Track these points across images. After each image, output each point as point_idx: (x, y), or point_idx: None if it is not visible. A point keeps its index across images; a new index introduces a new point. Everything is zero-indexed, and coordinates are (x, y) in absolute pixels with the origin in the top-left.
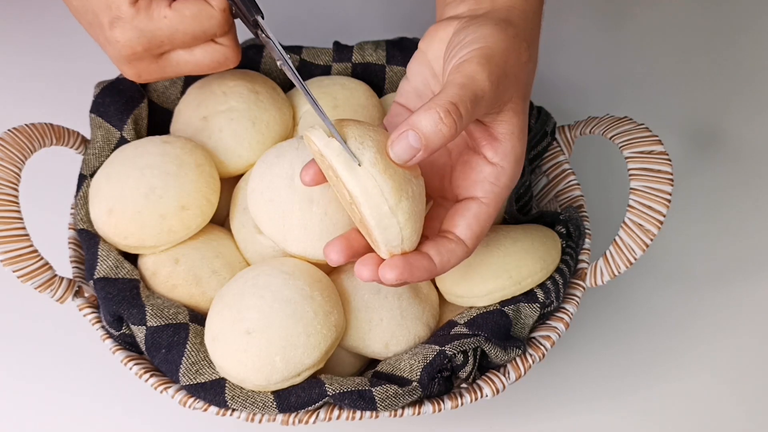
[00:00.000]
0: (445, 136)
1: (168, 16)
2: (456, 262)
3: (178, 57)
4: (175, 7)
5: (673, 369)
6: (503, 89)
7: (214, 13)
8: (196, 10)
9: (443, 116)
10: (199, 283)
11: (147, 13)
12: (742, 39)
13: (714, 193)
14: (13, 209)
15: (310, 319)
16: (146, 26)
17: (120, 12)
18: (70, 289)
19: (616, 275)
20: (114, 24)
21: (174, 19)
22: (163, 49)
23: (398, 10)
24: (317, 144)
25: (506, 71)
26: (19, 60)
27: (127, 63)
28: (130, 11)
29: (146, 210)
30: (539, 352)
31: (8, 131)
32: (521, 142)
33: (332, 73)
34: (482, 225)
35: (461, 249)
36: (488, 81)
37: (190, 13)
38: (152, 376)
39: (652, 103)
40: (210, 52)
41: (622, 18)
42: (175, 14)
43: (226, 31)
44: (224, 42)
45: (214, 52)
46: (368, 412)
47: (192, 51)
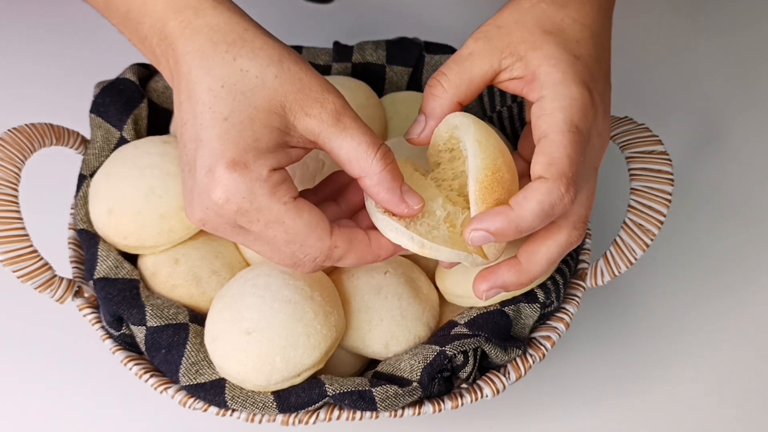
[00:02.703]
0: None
1: (287, 203)
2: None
3: (257, 237)
4: (299, 203)
5: (674, 369)
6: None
7: (326, 236)
8: (314, 221)
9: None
10: (199, 284)
11: (273, 187)
12: (743, 39)
13: (714, 193)
14: (13, 209)
15: (310, 320)
16: (260, 195)
17: (253, 164)
18: (69, 290)
19: (617, 275)
20: (236, 167)
21: (288, 213)
22: (253, 226)
23: (398, 10)
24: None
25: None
26: (20, 60)
27: (204, 210)
28: (263, 172)
29: (146, 210)
30: (539, 352)
31: (8, 131)
32: (558, 67)
33: (332, 73)
34: (557, 161)
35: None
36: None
37: (306, 221)
38: (152, 376)
39: (652, 103)
40: (288, 259)
41: (622, 18)
42: (293, 209)
43: (314, 264)
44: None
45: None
46: (368, 413)
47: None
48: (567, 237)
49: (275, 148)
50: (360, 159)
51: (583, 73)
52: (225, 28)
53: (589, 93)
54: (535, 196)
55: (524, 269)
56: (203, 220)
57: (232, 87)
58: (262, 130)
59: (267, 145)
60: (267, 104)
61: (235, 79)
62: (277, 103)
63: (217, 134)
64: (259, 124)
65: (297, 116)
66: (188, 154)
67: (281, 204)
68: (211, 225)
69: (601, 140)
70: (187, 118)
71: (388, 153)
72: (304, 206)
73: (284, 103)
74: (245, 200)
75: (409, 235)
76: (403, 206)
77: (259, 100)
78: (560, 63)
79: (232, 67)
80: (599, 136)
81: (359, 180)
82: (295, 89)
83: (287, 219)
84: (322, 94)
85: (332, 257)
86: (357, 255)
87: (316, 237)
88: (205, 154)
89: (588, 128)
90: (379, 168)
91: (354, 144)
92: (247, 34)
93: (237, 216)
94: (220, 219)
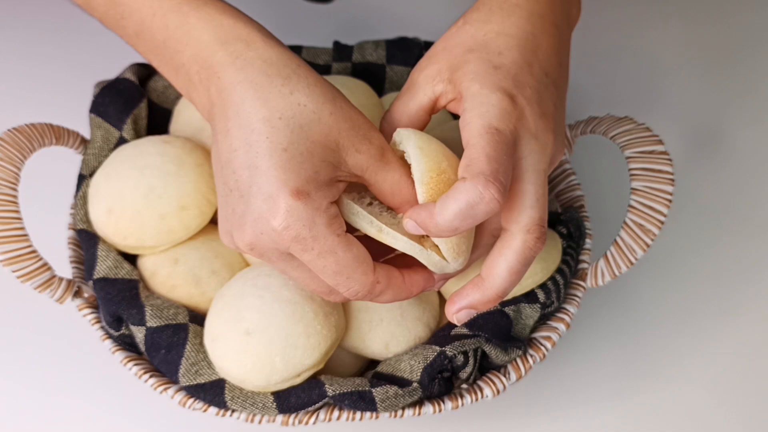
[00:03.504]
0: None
1: (341, 236)
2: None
3: (302, 265)
4: (349, 238)
5: (674, 369)
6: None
7: (370, 271)
8: (362, 256)
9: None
10: (199, 284)
11: (330, 219)
12: (743, 38)
13: (715, 193)
14: (13, 209)
15: (310, 320)
16: (319, 224)
17: (315, 194)
18: (69, 290)
19: (617, 275)
20: (299, 195)
21: (341, 245)
22: (305, 255)
23: (398, 10)
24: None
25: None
26: (20, 60)
27: (259, 232)
28: (323, 203)
29: (146, 210)
30: (540, 352)
31: (8, 131)
32: (476, 79)
33: (332, 73)
34: (474, 161)
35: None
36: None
37: (356, 254)
38: (152, 376)
39: (652, 103)
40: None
41: (621, 18)
42: (345, 242)
43: (352, 296)
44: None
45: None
46: (368, 413)
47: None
48: (522, 243)
49: (330, 182)
50: (403, 189)
51: (502, 80)
52: (278, 63)
53: (510, 98)
54: (453, 195)
55: (487, 284)
56: (252, 245)
57: (290, 120)
58: (320, 163)
59: (324, 178)
60: (323, 139)
61: (292, 112)
62: (332, 139)
63: (276, 163)
64: (317, 157)
65: (348, 152)
66: (239, 179)
67: (336, 236)
68: (259, 250)
69: (540, 143)
70: (238, 145)
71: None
72: (353, 241)
73: (338, 140)
74: (305, 228)
75: (369, 219)
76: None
77: (316, 135)
78: (478, 75)
79: (290, 101)
80: (535, 138)
81: (400, 208)
82: (348, 127)
83: (340, 251)
84: (369, 131)
85: (373, 292)
86: (394, 291)
87: (362, 271)
88: (263, 181)
89: (511, 129)
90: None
91: (397, 176)
92: (300, 69)
93: (292, 243)
94: (272, 245)
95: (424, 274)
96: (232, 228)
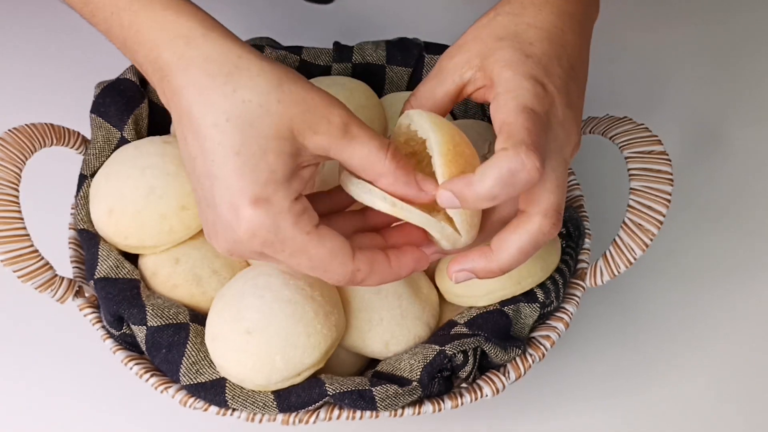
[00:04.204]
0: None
1: (310, 233)
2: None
3: (282, 262)
4: (321, 231)
5: (674, 369)
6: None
7: (348, 261)
8: (336, 248)
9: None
10: (200, 283)
11: (296, 218)
12: (741, 39)
13: (714, 193)
14: (14, 209)
15: (310, 319)
16: (285, 228)
17: (275, 197)
18: (70, 289)
19: (616, 275)
20: (259, 203)
21: (311, 242)
22: (278, 255)
23: (398, 10)
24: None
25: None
26: (20, 60)
27: (229, 242)
28: (285, 204)
29: (146, 210)
30: (539, 351)
31: (9, 131)
32: (509, 66)
33: (332, 73)
34: (515, 133)
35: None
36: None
37: (330, 247)
38: (152, 375)
39: (651, 103)
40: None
41: (621, 18)
42: (317, 238)
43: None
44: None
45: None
46: (368, 412)
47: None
48: (538, 226)
49: (291, 175)
50: (374, 164)
51: (533, 68)
52: (219, 58)
53: (542, 86)
54: (495, 163)
55: (494, 256)
56: (230, 251)
57: (237, 120)
58: (276, 159)
59: (283, 174)
60: (275, 131)
61: (239, 111)
62: (285, 128)
63: (232, 170)
64: (271, 154)
65: (306, 136)
66: (204, 189)
67: (304, 234)
68: (238, 254)
69: (565, 132)
70: (196, 153)
71: (396, 151)
72: (326, 234)
73: (292, 127)
74: (270, 233)
75: (381, 195)
76: (423, 194)
77: (267, 129)
78: (510, 62)
79: (234, 100)
80: (561, 127)
81: (375, 182)
82: (301, 110)
83: (311, 248)
84: (327, 108)
85: (355, 280)
86: (378, 276)
87: (338, 263)
88: (223, 190)
89: (544, 111)
90: (392, 167)
91: (365, 151)
92: (242, 61)
93: (262, 248)
94: (246, 249)
95: (414, 254)
96: (209, 235)
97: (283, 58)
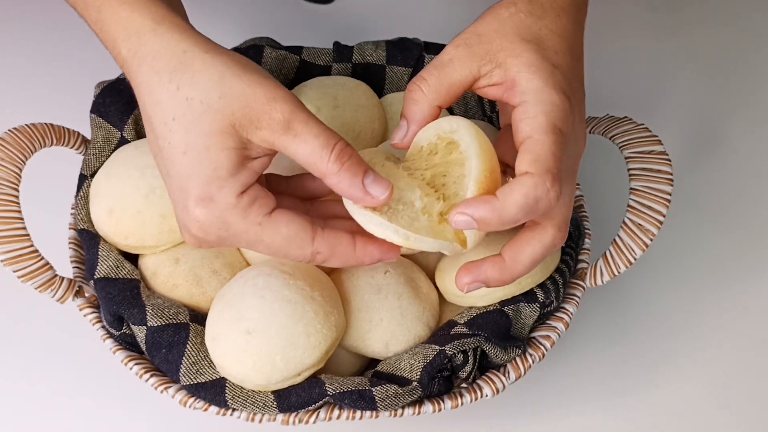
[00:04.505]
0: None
1: (262, 223)
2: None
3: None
4: (275, 217)
5: (673, 369)
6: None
7: (307, 245)
8: (292, 232)
9: None
10: (200, 283)
11: (243, 211)
12: (741, 40)
13: (714, 193)
14: (14, 209)
15: (310, 319)
16: (234, 223)
17: (218, 195)
18: (70, 289)
19: (616, 275)
20: (203, 202)
21: (265, 231)
22: (238, 245)
23: (398, 10)
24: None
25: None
26: (20, 60)
27: (192, 237)
28: (229, 200)
29: (147, 210)
30: (539, 351)
31: (9, 131)
32: (538, 74)
33: (332, 73)
34: (542, 158)
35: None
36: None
37: (285, 233)
38: (152, 375)
39: (651, 103)
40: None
41: (621, 18)
42: (270, 227)
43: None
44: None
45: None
46: (368, 412)
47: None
48: (552, 238)
49: (237, 169)
50: (317, 163)
51: (561, 81)
52: (165, 54)
53: (568, 100)
54: (520, 189)
55: (508, 267)
56: (195, 245)
57: (181, 118)
58: (219, 155)
59: (227, 170)
60: (217, 127)
61: (183, 109)
62: (227, 123)
63: (180, 171)
64: (214, 150)
65: (248, 131)
66: (166, 185)
67: (256, 225)
68: (204, 247)
69: (577, 146)
70: (156, 152)
71: (343, 150)
72: (281, 219)
73: (233, 122)
74: (221, 230)
75: (393, 228)
76: (369, 198)
77: (209, 125)
78: (540, 71)
79: (177, 98)
80: (575, 142)
81: (323, 180)
82: (241, 106)
83: (266, 236)
84: (267, 104)
85: (315, 261)
86: (340, 260)
87: (295, 247)
88: (176, 189)
89: (568, 131)
90: (335, 168)
91: (308, 149)
92: (186, 56)
93: (220, 242)
94: (207, 243)
95: (383, 246)
96: (179, 229)
97: (283, 58)
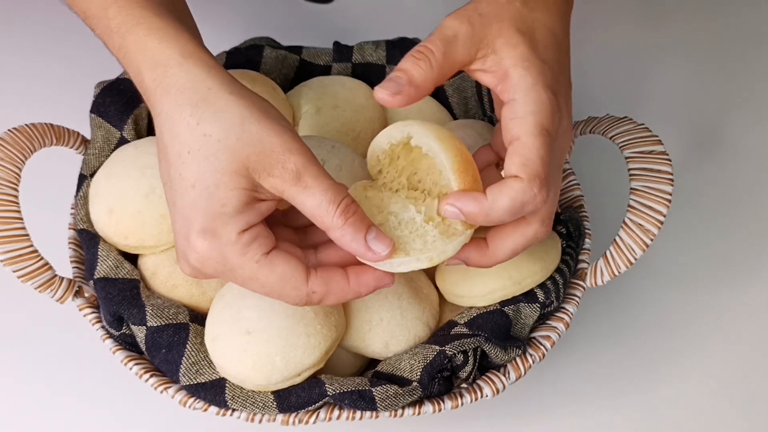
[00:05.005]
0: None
1: (259, 261)
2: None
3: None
4: (272, 257)
5: (674, 369)
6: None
7: (302, 285)
8: (288, 273)
9: None
10: (200, 283)
11: (243, 248)
12: (742, 39)
13: (714, 193)
14: (13, 209)
15: (310, 319)
16: (232, 258)
17: (222, 230)
18: (70, 289)
19: (617, 275)
20: (205, 235)
21: (261, 270)
22: (234, 281)
23: (398, 10)
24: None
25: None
26: (20, 60)
27: (189, 267)
28: (231, 237)
29: (146, 210)
30: (539, 352)
31: (8, 131)
32: (530, 71)
33: (332, 73)
34: (531, 162)
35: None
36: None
37: (280, 273)
38: (152, 376)
39: (652, 103)
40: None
41: (621, 18)
42: (266, 265)
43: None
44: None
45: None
46: (368, 412)
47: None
48: (534, 232)
49: (243, 208)
50: (322, 216)
51: (550, 78)
52: (190, 89)
53: (555, 97)
54: (509, 192)
55: (490, 253)
56: (193, 275)
57: (196, 153)
58: (228, 194)
59: (234, 207)
60: (230, 167)
61: (199, 144)
62: (241, 165)
63: (187, 202)
64: (224, 188)
65: (261, 176)
66: (170, 214)
67: (253, 263)
68: (200, 277)
69: (565, 140)
70: (166, 180)
71: (349, 206)
72: (277, 260)
73: (247, 165)
74: (219, 264)
75: (415, 260)
76: (370, 254)
77: (223, 164)
78: (532, 67)
79: (196, 133)
80: (564, 136)
81: (327, 233)
82: (257, 151)
83: (261, 276)
84: (283, 154)
85: (311, 301)
86: (335, 296)
87: (291, 287)
88: (179, 220)
89: (555, 130)
90: (340, 223)
91: (315, 202)
92: (211, 93)
93: (216, 274)
94: (203, 275)
95: (376, 273)
96: (177, 257)
97: (283, 58)
